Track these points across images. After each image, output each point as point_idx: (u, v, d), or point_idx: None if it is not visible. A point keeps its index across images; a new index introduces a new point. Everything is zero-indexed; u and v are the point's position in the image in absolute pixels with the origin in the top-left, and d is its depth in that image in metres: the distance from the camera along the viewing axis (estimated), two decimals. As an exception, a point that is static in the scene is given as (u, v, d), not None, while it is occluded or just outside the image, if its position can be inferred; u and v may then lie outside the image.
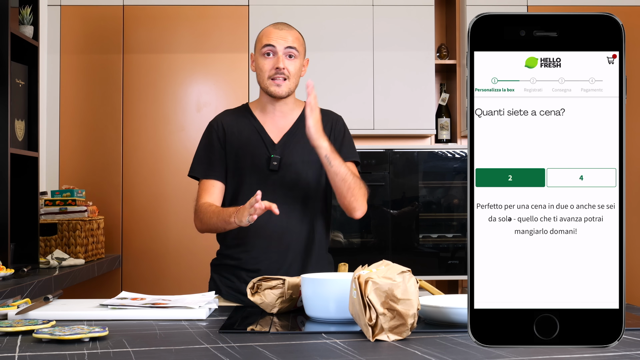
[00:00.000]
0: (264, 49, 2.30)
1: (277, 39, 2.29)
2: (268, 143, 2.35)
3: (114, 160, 4.14)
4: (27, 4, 3.28)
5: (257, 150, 2.34)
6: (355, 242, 4.12)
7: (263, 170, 2.33)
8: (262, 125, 2.38)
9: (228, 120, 2.41)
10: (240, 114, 2.42)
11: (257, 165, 2.32)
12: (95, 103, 4.15)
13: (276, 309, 1.86)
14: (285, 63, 2.29)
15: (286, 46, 2.29)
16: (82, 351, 1.37)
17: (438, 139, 4.35)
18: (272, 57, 2.30)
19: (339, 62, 4.15)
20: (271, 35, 2.31)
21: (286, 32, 2.32)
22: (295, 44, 2.31)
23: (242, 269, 2.35)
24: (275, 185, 2.32)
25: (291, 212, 2.32)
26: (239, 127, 2.38)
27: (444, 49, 4.40)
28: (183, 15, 4.17)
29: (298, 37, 2.35)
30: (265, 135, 2.37)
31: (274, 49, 2.29)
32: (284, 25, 2.35)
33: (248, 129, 2.38)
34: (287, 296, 1.86)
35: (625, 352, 1.35)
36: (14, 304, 1.83)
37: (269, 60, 2.31)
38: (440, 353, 1.34)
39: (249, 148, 2.35)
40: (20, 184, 3.18)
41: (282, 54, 2.29)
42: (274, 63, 2.30)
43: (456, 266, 4.09)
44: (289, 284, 1.86)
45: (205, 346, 1.42)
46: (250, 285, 1.90)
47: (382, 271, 1.53)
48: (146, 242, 4.11)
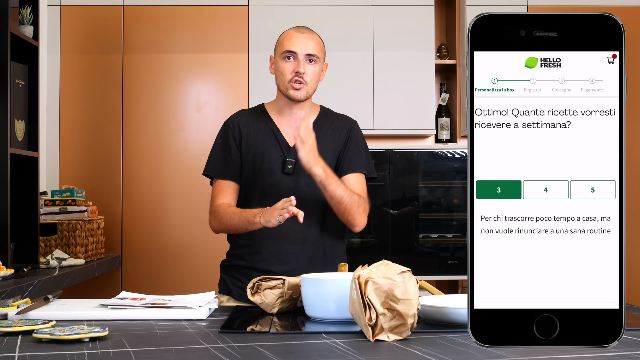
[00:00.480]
0: (285, 53, 2.31)
1: (299, 44, 2.30)
2: (284, 146, 2.36)
3: (114, 160, 4.14)
4: (27, 4, 3.28)
5: (272, 153, 2.35)
6: (355, 242, 4.12)
7: (277, 173, 2.33)
8: (278, 127, 2.39)
9: (244, 121, 2.41)
10: (257, 115, 2.42)
11: (272, 167, 2.33)
12: (95, 103, 4.15)
13: (276, 309, 1.86)
14: (305, 68, 2.30)
15: (307, 52, 2.30)
16: (82, 351, 1.37)
17: (438, 139, 4.35)
18: (292, 61, 2.31)
19: (339, 62, 4.15)
20: (292, 39, 2.31)
21: (307, 37, 2.32)
22: (315, 50, 2.31)
23: (253, 269, 2.34)
24: (289, 188, 2.32)
25: (305, 216, 2.31)
26: (255, 128, 2.38)
27: (444, 49, 4.40)
28: (183, 15, 4.17)
29: (319, 42, 2.35)
30: (281, 137, 2.37)
31: (295, 54, 2.30)
32: (305, 29, 2.35)
33: (264, 130, 2.38)
34: (287, 296, 1.86)
35: (625, 352, 1.35)
36: (14, 304, 1.83)
37: (289, 64, 2.31)
38: (440, 353, 1.34)
39: (264, 150, 2.35)
40: (20, 184, 3.18)
41: (302, 58, 2.30)
42: (295, 67, 2.30)
43: (456, 266, 4.09)
44: (289, 284, 1.86)
45: (205, 346, 1.42)
46: (250, 285, 1.90)
47: (382, 271, 1.52)
48: (146, 242, 4.11)
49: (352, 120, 2.48)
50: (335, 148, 2.40)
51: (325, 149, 2.35)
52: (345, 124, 2.44)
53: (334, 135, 2.41)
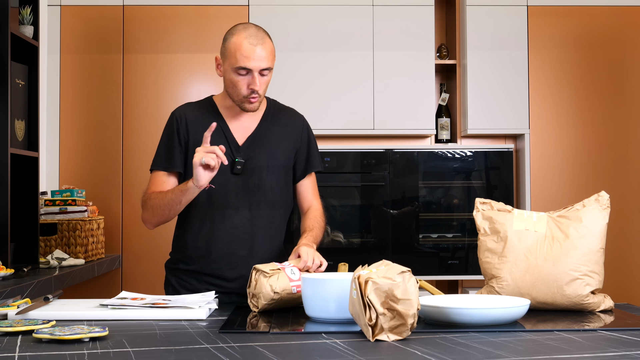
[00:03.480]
0: (238, 69, 2.20)
1: (254, 61, 2.18)
2: (233, 145, 2.28)
3: (114, 160, 4.14)
4: (27, 4, 3.28)
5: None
6: (355, 242, 4.12)
7: (226, 172, 2.25)
8: (227, 124, 2.30)
9: (192, 116, 2.32)
10: (205, 110, 2.33)
11: (221, 167, 2.18)
12: (95, 103, 4.15)
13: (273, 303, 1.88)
14: (259, 82, 2.20)
15: (262, 68, 2.20)
16: (82, 351, 1.37)
17: (438, 139, 4.35)
18: (246, 76, 2.21)
19: (339, 62, 4.15)
20: (246, 54, 2.18)
21: (261, 49, 2.19)
22: (269, 62, 2.21)
23: (202, 274, 2.28)
24: (238, 188, 2.26)
25: (254, 218, 2.27)
26: (202, 124, 2.28)
27: (444, 49, 4.40)
28: (183, 15, 4.18)
29: (271, 50, 2.23)
30: (231, 136, 2.29)
31: (250, 71, 2.20)
32: (256, 38, 2.21)
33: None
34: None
35: (625, 352, 1.35)
36: (14, 304, 1.83)
37: (243, 78, 2.21)
38: (440, 353, 1.34)
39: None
40: (20, 184, 3.18)
41: (257, 73, 2.20)
42: (249, 82, 2.21)
43: (456, 266, 4.09)
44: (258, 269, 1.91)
45: (205, 346, 1.42)
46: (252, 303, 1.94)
47: (382, 271, 1.53)
48: (146, 242, 4.11)
49: (302, 116, 2.43)
50: (290, 145, 2.35)
51: (278, 144, 2.32)
52: (298, 120, 2.40)
53: (287, 131, 2.36)
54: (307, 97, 4.10)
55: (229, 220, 2.26)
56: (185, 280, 2.32)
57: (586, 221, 1.94)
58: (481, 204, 2.04)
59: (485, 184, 4.14)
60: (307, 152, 2.39)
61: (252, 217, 2.27)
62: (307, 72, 4.13)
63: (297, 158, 2.38)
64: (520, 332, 1.59)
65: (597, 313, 1.89)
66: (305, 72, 4.12)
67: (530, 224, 1.97)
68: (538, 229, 1.96)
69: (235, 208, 2.26)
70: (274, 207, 2.30)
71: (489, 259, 1.97)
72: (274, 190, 2.30)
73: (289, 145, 2.36)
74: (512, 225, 1.97)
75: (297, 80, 4.11)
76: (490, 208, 2.03)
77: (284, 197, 2.34)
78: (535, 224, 1.97)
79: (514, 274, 1.92)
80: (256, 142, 2.31)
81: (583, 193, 4.06)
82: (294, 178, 2.39)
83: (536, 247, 1.93)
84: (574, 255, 1.90)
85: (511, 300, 1.78)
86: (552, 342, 1.47)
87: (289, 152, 2.36)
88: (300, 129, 2.40)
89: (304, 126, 2.42)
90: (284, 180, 2.34)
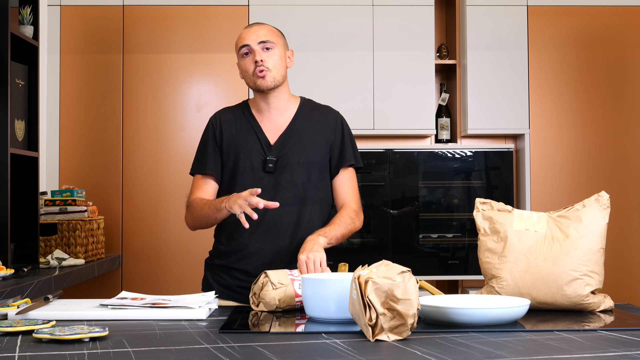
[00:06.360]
0: (241, 51, 2.35)
1: (249, 36, 2.33)
2: (264, 144, 2.34)
3: (114, 160, 4.14)
4: (27, 4, 3.28)
5: (253, 152, 2.33)
6: (355, 242, 4.12)
7: (258, 171, 2.32)
8: (259, 124, 2.38)
9: (227, 119, 2.42)
10: (239, 112, 2.43)
11: (253, 166, 2.32)
12: (95, 103, 4.15)
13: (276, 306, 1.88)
14: (262, 55, 2.31)
15: (259, 41, 2.32)
16: (82, 351, 1.37)
17: (438, 139, 4.35)
18: (250, 55, 2.34)
19: (339, 62, 4.15)
20: (242, 35, 2.35)
21: (257, 27, 2.35)
22: (267, 36, 2.33)
23: (234, 269, 2.33)
24: (270, 186, 2.31)
25: (286, 214, 2.29)
26: (236, 126, 2.39)
27: (444, 49, 4.40)
28: (183, 15, 4.18)
29: (271, 30, 2.37)
30: (262, 135, 2.36)
31: (250, 47, 2.33)
32: (254, 24, 2.39)
33: (245, 128, 2.38)
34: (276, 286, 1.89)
35: (625, 352, 1.35)
36: (14, 304, 1.83)
37: (248, 59, 2.34)
38: (440, 353, 1.34)
39: (244, 148, 2.34)
40: (20, 184, 3.18)
41: (257, 47, 2.32)
42: (252, 59, 2.33)
43: (456, 266, 4.09)
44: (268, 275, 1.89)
45: (205, 346, 1.42)
46: (252, 301, 1.93)
47: (382, 271, 1.53)
48: (146, 242, 4.11)
49: (336, 112, 2.46)
50: (323, 141, 2.38)
51: (311, 140, 2.35)
52: (331, 116, 2.42)
53: (320, 127, 2.39)
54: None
55: (262, 215, 2.26)
56: (219, 275, 2.37)
57: (586, 221, 1.94)
58: (481, 204, 2.04)
59: (485, 184, 4.14)
60: (340, 147, 2.39)
61: (284, 213, 2.29)
62: (307, 72, 4.13)
63: (332, 153, 2.40)
64: (520, 332, 1.59)
65: (597, 313, 1.89)
66: (305, 72, 4.12)
67: (530, 224, 1.97)
68: (538, 229, 1.96)
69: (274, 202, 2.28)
70: (305, 203, 2.32)
71: (489, 259, 1.97)
72: (305, 186, 2.33)
73: (321, 141, 2.38)
74: (512, 225, 1.97)
75: (297, 80, 4.11)
76: (491, 208, 2.03)
77: (319, 193, 2.36)
78: (535, 224, 1.97)
79: (514, 274, 1.92)
80: (287, 140, 2.35)
81: (583, 193, 4.06)
82: (330, 174, 2.40)
83: (536, 247, 1.93)
84: (574, 255, 1.90)
85: (511, 300, 1.78)
86: (552, 342, 1.47)
87: (323, 147, 2.38)
88: (334, 124, 2.41)
89: (338, 121, 2.43)
90: (318, 176, 2.36)
